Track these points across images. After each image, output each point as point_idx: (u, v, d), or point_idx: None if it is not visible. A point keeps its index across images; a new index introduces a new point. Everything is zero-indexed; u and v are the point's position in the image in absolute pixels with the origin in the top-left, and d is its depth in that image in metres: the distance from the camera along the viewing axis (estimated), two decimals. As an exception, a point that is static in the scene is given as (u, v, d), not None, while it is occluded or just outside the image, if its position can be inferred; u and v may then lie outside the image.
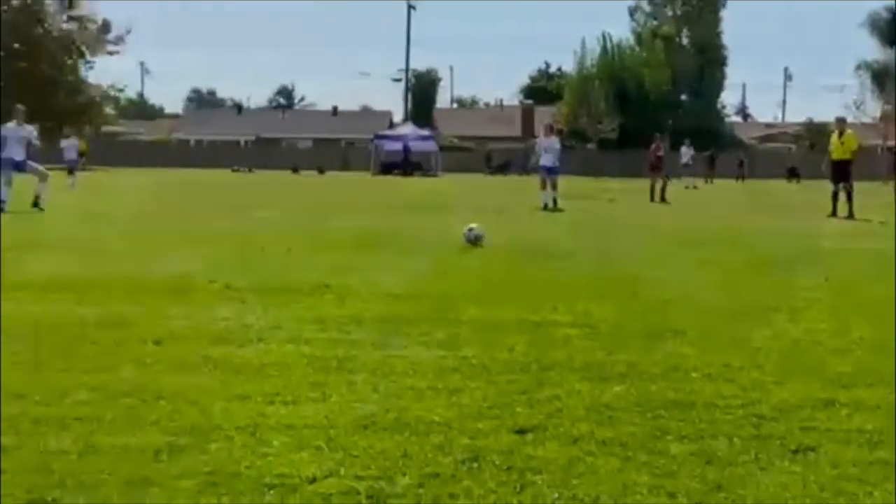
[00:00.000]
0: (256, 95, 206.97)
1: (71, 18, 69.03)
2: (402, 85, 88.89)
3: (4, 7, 66.17)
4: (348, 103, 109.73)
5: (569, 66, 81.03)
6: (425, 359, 5.85)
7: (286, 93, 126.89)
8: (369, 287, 8.87)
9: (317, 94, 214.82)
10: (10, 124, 19.75)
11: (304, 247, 12.45)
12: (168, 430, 4.35)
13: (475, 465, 3.94)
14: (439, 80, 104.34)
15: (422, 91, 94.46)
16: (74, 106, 66.57)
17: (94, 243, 12.62)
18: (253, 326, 6.85)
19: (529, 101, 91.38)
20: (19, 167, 19.38)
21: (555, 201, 23.05)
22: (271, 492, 3.62)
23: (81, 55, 69.50)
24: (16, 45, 66.32)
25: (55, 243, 12.59)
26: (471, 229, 13.09)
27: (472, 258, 11.62)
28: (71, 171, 33.43)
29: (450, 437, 4.27)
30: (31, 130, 20.12)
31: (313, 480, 3.73)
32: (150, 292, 8.37)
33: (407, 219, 18.77)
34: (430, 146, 66.08)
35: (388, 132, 71.67)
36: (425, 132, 69.51)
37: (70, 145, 36.51)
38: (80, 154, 39.92)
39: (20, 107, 20.56)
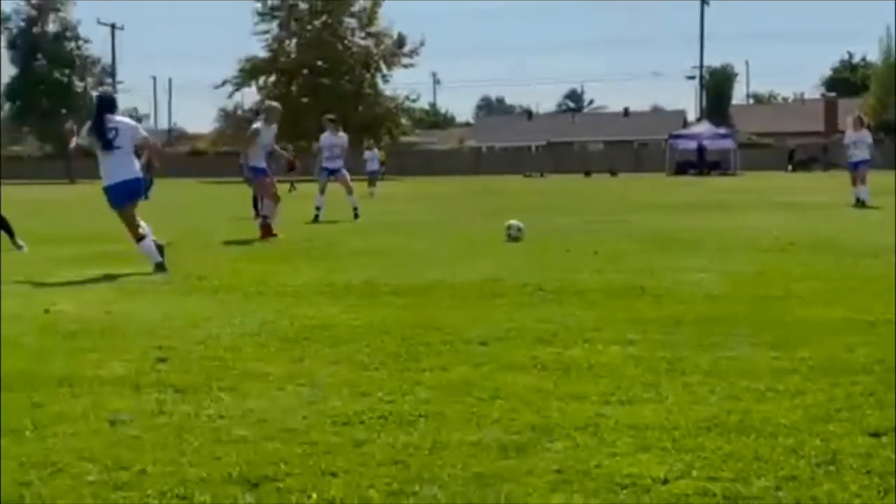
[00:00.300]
0: (545, 101, 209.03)
1: (368, 35, 72.07)
2: (695, 82, 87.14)
3: (308, 27, 69.92)
4: (639, 104, 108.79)
5: (873, 56, 77.08)
6: (758, 360, 5.68)
7: (575, 96, 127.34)
8: (684, 288, 8.73)
9: (607, 95, 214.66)
10: (326, 134, 20.94)
11: (608, 249, 12.41)
12: (510, 429, 4.41)
13: (832, 468, 3.78)
14: (735, 75, 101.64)
15: (716, 87, 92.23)
16: (373, 118, 69.46)
17: (403, 250, 13.07)
18: (574, 328, 6.88)
19: (832, 94, 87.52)
20: (334, 173, 20.43)
21: (865, 198, 21.96)
22: (624, 491, 3.60)
23: (378, 69, 72.40)
24: (318, 63, 69.98)
25: (370, 250, 13.11)
26: (510, 226, 14.01)
27: (785, 257, 11.21)
28: (372, 182, 34.92)
29: (800, 440, 4.12)
30: (344, 138, 21.18)
31: (665, 481, 3.68)
32: (467, 296, 8.58)
33: (708, 218, 18.36)
34: (727, 144, 64.52)
35: (683, 131, 70.58)
36: (721, 130, 67.94)
37: (372, 156, 38.16)
38: (381, 164, 41.61)
39: (330, 116, 21.81)
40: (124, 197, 11.24)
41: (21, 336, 6.86)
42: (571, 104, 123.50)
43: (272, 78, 71.99)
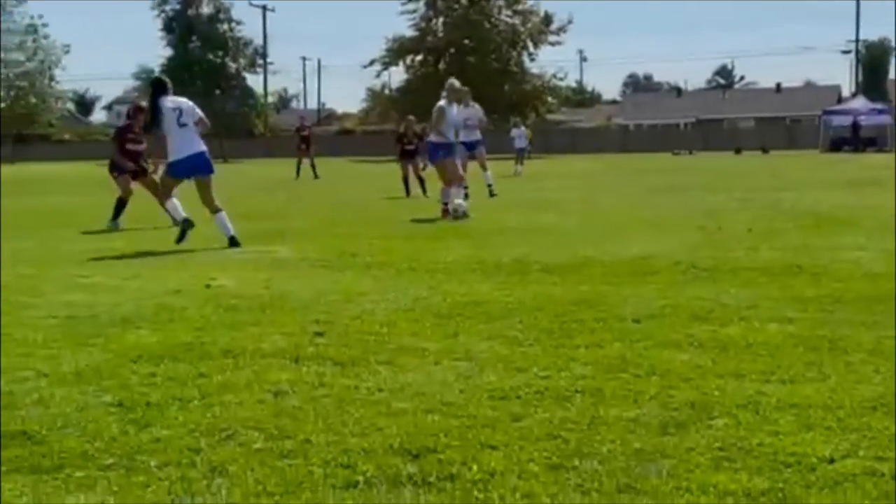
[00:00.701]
0: (694, 77, 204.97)
1: (515, 13, 71.92)
2: (851, 57, 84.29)
3: (455, 5, 70.14)
4: (792, 79, 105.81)
5: None
6: (926, 340, 5.49)
7: (725, 72, 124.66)
8: (842, 266, 8.50)
9: (757, 71, 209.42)
10: (457, 107, 20.84)
11: (762, 226, 12.15)
12: (668, 406, 4.37)
13: None
14: (892, 49, 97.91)
15: (872, 62, 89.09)
16: (520, 96, 69.39)
17: (553, 228, 13.04)
18: (730, 305, 6.76)
19: None
20: (473, 148, 20.46)
21: None
22: (788, 470, 3.54)
23: (525, 47, 72.23)
24: (465, 41, 70.22)
25: (519, 228, 13.12)
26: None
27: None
28: (519, 159, 34.94)
29: (974, 422, 3.97)
30: (478, 109, 21.11)
31: (831, 461, 3.60)
32: (618, 273, 8.51)
33: (864, 196, 17.77)
34: (884, 120, 62.22)
35: (837, 107, 68.40)
36: (878, 105, 65.58)
37: (519, 134, 38.17)
38: (528, 142, 41.60)
39: (457, 85, 21.40)
40: (189, 170, 12.20)
41: (184, 309, 7.10)
42: (721, 80, 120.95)
43: (419, 57, 72.58)
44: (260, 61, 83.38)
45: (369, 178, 23.87)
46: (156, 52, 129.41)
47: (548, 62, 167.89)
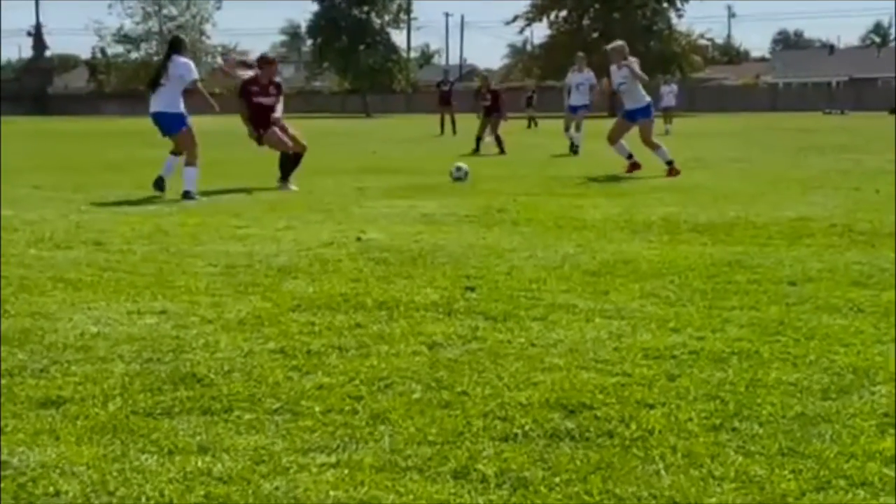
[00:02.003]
0: (848, 34, 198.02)
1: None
2: None
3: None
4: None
5: None
6: None
7: (881, 30, 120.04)
8: None
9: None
10: (573, 71, 22.19)
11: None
12: (829, 370, 4.30)
13: None
14: None
15: None
16: (666, 53, 68.20)
17: (701, 187, 12.83)
18: (889, 270, 6.58)
19: None
20: (575, 111, 21.70)
21: None
22: (961, 440, 3.44)
23: (672, 3, 70.80)
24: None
25: (667, 187, 12.96)
26: (458, 168, 13.99)
27: None
28: (668, 118, 34.41)
29: None
30: (590, 76, 22.10)
31: None
32: (772, 235, 8.35)
33: None
34: None
35: None
36: None
37: (669, 91, 37.54)
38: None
39: (581, 55, 22.51)
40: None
41: (338, 261, 7.25)
42: (876, 38, 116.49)
43: (563, 13, 71.87)
44: (404, 17, 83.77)
45: (509, 135, 23.84)
46: (302, 8, 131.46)
47: (695, 18, 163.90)
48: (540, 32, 75.27)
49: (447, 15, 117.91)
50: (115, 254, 7.63)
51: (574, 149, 20.99)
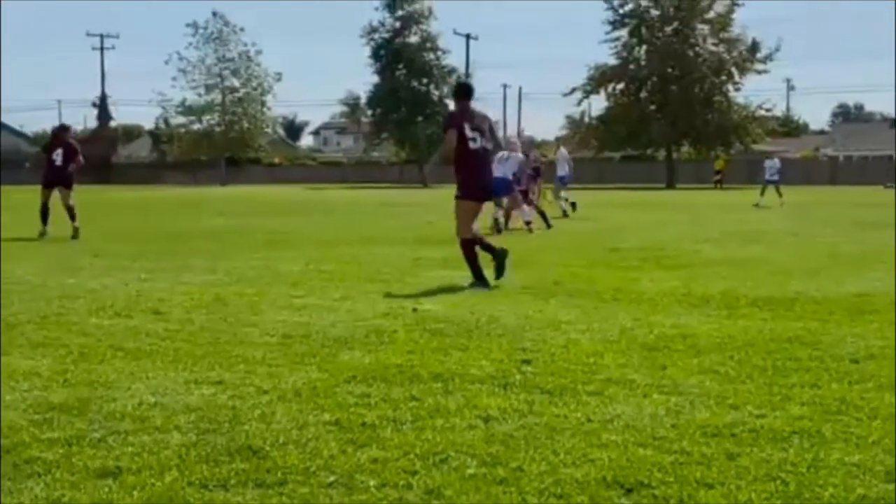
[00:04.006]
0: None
1: (721, 41, 70.64)
2: None
3: (659, 34, 69.51)
4: None
5: None
6: None
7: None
8: None
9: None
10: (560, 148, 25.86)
11: None
12: (893, 451, 4.20)
13: None
14: None
15: None
16: (724, 126, 68.13)
17: (761, 260, 12.73)
18: (955, 349, 6.45)
19: None
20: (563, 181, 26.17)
21: None
22: None
23: (730, 76, 70.83)
24: (668, 70, 69.44)
25: (725, 260, 12.86)
26: None
27: None
28: (777, 190, 34.41)
29: None
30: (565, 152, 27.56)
31: None
32: (833, 310, 8.24)
33: None
34: None
35: None
36: None
37: (771, 165, 37.41)
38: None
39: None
40: None
41: (394, 332, 7.25)
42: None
43: (621, 85, 72.17)
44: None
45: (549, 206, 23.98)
46: (362, 79, 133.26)
47: (753, 91, 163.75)
48: (598, 105, 75.19)
49: (505, 87, 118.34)
50: (174, 323, 7.71)
51: (564, 213, 24.56)
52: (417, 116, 78.87)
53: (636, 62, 71.76)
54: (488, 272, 10.10)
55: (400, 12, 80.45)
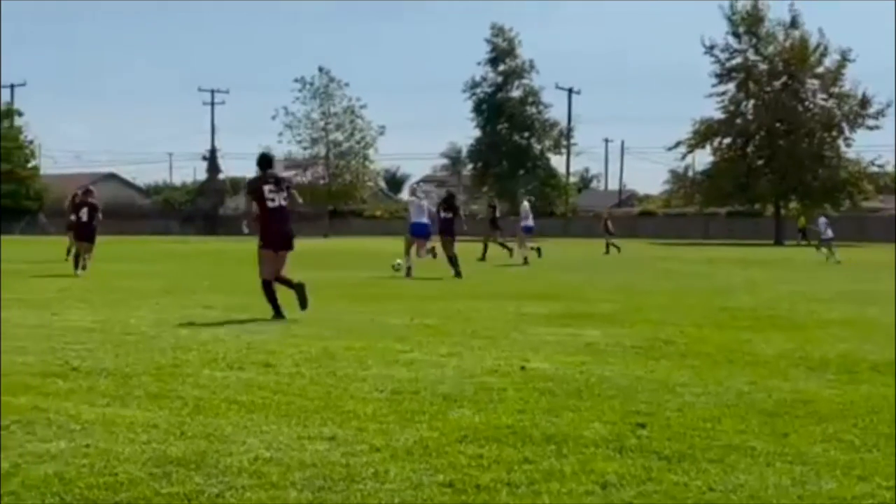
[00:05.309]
0: None
1: (831, 96, 69.59)
2: None
3: (767, 88, 68.76)
4: None
5: None
6: None
7: None
8: None
9: None
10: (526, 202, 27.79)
11: None
12: None
13: None
14: None
15: None
16: (835, 181, 66.99)
17: (880, 322, 12.40)
18: None
19: None
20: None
21: None
22: None
23: (840, 131, 69.68)
24: (776, 124, 68.60)
25: (840, 320, 12.55)
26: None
27: None
28: (830, 248, 33.88)
29: None
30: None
31: None
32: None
33: None
34: None
35: None
36: None
37: (824, 223, 36.81)
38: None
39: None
40: None
41: (502, 390, 7.18)
42: None
43: (727, 140, 71.48)
44: (564, 143, 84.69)
45: (672, 262, 23.61)
46: (465, 133, 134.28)
47: (863, 146, 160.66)
48: (702, 159, 74.47)
49: (607, 141, 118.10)
50: (285, 376, 7.75)
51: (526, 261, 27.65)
52: (518, 170, 79.15)
53: (743, 116, 71.06)
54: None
55: (502, 67, 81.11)
